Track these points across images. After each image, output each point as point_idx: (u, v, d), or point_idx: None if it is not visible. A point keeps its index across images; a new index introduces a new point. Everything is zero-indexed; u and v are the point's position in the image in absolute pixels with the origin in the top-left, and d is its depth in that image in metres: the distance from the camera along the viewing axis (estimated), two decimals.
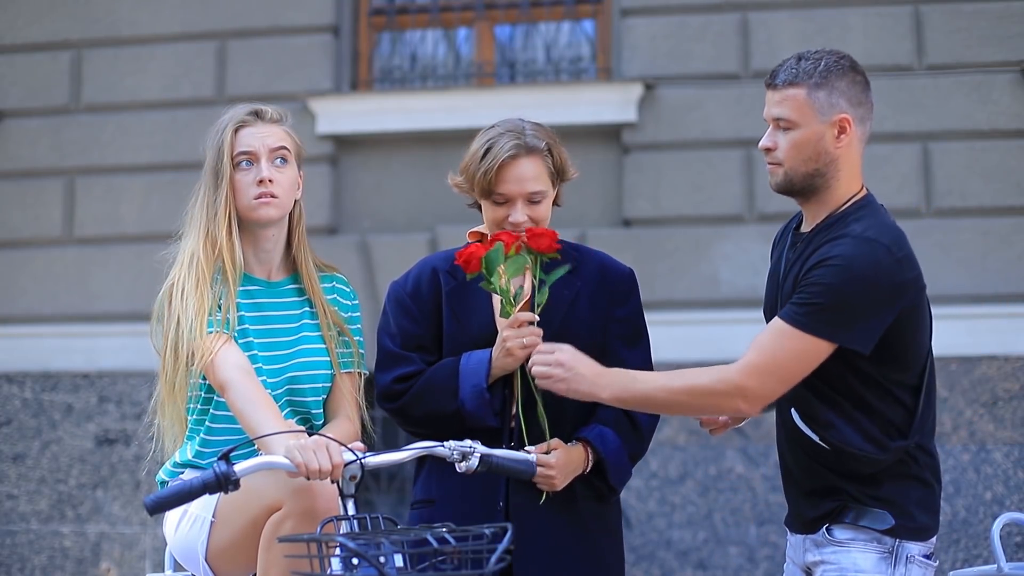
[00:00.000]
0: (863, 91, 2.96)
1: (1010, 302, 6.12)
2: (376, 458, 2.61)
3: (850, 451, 2.87)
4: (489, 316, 3.09)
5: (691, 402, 2.92)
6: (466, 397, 2.98)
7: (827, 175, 2.93)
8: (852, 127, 2.92)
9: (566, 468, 2.99)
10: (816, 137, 2.91)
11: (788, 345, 2.83)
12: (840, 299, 2.81)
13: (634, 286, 3.21)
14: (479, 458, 2.67)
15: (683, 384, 2.90)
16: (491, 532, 2.31)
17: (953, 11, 6.32)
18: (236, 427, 2.95)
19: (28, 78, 7.07)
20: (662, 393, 2.89)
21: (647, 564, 6.13)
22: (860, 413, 2.89)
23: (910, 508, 2.89)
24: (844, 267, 2.81)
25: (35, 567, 6.64)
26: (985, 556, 5.75)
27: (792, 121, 2.91)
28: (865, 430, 2.87)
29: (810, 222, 3.01)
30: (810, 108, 2.90)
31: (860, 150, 2.98)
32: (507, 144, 3.03)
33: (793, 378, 2.86)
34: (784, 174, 2.95)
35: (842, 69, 2.93)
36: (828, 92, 2.90)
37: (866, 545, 2.88)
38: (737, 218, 6.29)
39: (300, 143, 3.21)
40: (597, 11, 6.88)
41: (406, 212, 6.69)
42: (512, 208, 3.05)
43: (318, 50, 6.84)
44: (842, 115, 2.91)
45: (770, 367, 2.85)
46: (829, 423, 2.88)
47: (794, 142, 2.92)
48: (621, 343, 3.14)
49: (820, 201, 2.97)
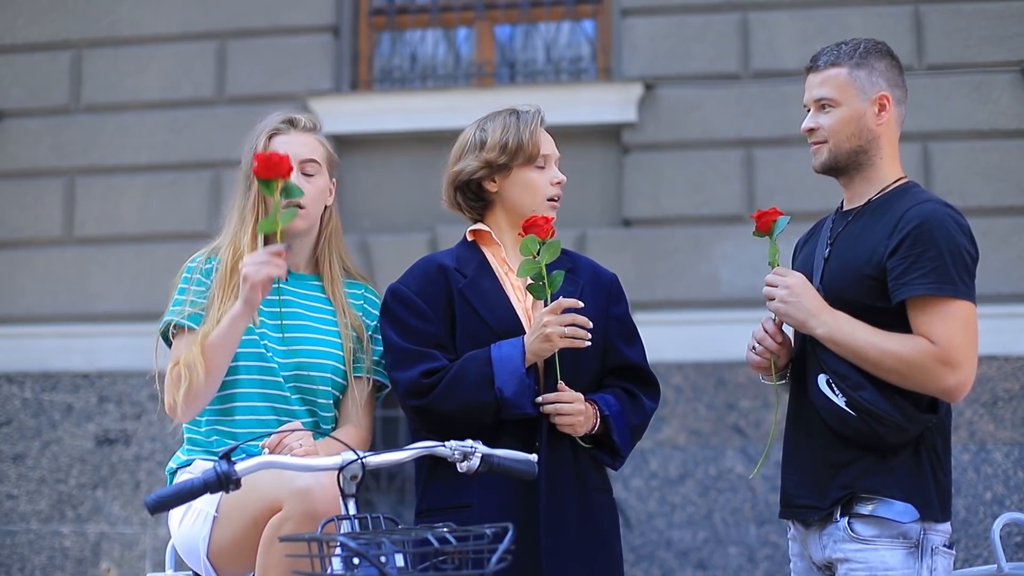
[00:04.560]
0: (900, 74, 3.08)
1: (1010, 302, 6.12)
2: (377, 457, 2.61)
3: (877, 414, 2.87)
4: (509, 308, 3.11)
5: (898, 369, 2.89)
6: (504, 384, 2.97)
7: (870, 151, 3.04)
8: (891, 105, 3.03)
9: (584, 412, 3.03)
10: (858, 114, 3.01)
11: (959, 313, 2.88)
12: (956, 250, 2.90)
13: (622, 288, 3.29)
14: (480, 458, 2.67)
15: (895, 351, 2.88)
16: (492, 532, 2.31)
17: (953, 11, 6.32)
18: (250, 411, 3.02)
19: (28, 78, 7.07)
20: (874, 351, 2.89)
21: (647, 564, 6.13)
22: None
23: (928, 491, 2.90)
24: (942, 222, 2.92)
25: (35, 567, 6.64)
26: (985, 556, 5.75)
27: (834, 100, 3.02)
28: (894, 397, 2.88)
29: (856, 201, 3.07)
30: (852, 86, 3.02)
31: (898, 131, 3.09)
32: (533, 113, 3.18)
33: (977, 344, 2.91)
34: (828, 151, 3.04)
35: (880, 52, 3.06)
36: (868, 72, 3.02)
37: (892, 541, 2.88)
38: (737, 218, 6.29)
39: (332, 151, 3.26)
40: (597, 11, 6.88)
41: (406, 212, 6.69)
42: (551, 169, 3.18)
43: (318, 50, 6.84)
44: (882, 93, 3.03)
45: (964, 338, 2.87)
46: (860, 384, 2.89)
47: (838, 119, 3.02)
48: (620, 340, 3.19)
49: (865, 178, 3.06)
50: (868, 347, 2.89)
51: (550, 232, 3.00)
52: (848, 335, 2.91)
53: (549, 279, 2.99)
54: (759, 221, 3.08)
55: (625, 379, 3.17)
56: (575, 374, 3.07)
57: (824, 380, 2.95)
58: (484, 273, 3.14)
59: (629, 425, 3.12)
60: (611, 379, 3.17)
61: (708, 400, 6.17)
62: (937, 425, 2.94)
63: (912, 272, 2.88)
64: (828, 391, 2.94)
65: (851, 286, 2.96)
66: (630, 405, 3.14)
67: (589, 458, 3.11)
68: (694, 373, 6.14)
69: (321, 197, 3.18)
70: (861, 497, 2.90)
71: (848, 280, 2.97)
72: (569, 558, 3.02)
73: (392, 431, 6.63)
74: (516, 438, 2.98)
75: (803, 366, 3.05)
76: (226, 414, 3.09)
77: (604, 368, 3.17)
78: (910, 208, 2.95)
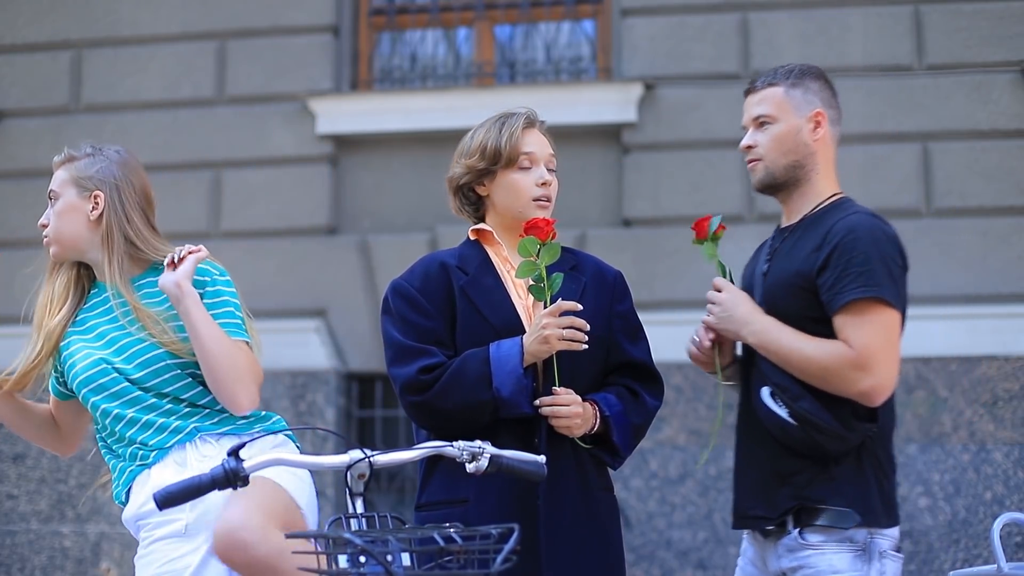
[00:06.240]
0: (834, 96, 3.21)
1: (1010, 302, 6.12)
2: (385, 457, 2.61)
3: (817, 424, 2.96)
4: (509, 306, 3.11)
5: (818, 374, 2.98)
6: (502, 384, 2.98)
7: (807, 167, 3.14)
8: (826, 123, 3.15)
9: (582, 413, 3.03)
10: (795, 130, 3.13)
11: (878, 318, 2.97)
12: (882, 258, 2.98)
13: (627, 285, 3.28)
14: (489, 459, 2.67)
15: (814, 355, 2.98)
16: (498, 532, 2.32)
17: (953, 11, 6.33)
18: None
19: (28, 78, 7.08)
20: (797, 356, 3.00)
21: (647, 564, 6.13)
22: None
23: (870, 498, 3.00)
24: (869, 231, 3.00)
25: (35, 567, 6.64)
26: (985, 556, 5.75)
27: (771, 116, 3.15)
28: (833, 407, 2.97)
29: (793, 217, 3.18)
30: (788, 103, 3.15)
31: (834, 151, 3.20)
32: (519, 115, 3.18)
33: (898, 348, 3.01)
34: (765, 168, 3.16)
35: (815, 74, 3.20)
36: (804, 91, 3.15)
37: (839, 545, 2.97)
38: (737, 218, 6.29)
39: (82, 174, 3.26)
40: (597, 11, 6.88)
41: (406, 212, 6.69)
42: (538, 169, 3.16)
43: (318, 50, 6.84)
44: (817, 110, 3.14)
45: (881, 343, 2.96)
46: (800, 395, 2.98)
47: (774, 136, 3.14)
48: (623, 337, 3.19)
49: (802, 194, 3.16)
50: (792, 352, 3.00)
51: (551, 234, 3.00)
52: (774, 341, 3.03)
53: (549, 281, 2.99)
54: (697, 230, 3.28)
55: (628, 376, 3.17)
56: (576, 373, 3.07)
57: (767, 392, 3.05)
58: (486, 271, 3.14)
59: (631, 425, 3.12)
60: (614, 376, 3.17)
61: (708, 400, 6.17)
62: (878, 434, 3.03)
63: (841, 281, 2.97)
64: (771, 403, 3.04)
65: (786, 299, 3.07)
66: (632, 404, 3.14)
67: (591, 456, 3.12)
68: (694, 373, 6.14)
69: (63, 221, 3.28)
70: (809, 508, 2.99)
71: (783, 293, 3.09)
72: (569, 556, 3.02)
73: (392, 431, 6.63)
74: (515, 436, 2.98)
75: (748, 379, 3.16)
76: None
77: (607, 365, 3.17)
78: (838, 221, 3.04)
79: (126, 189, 3.23)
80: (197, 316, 3.05)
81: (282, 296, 6.66)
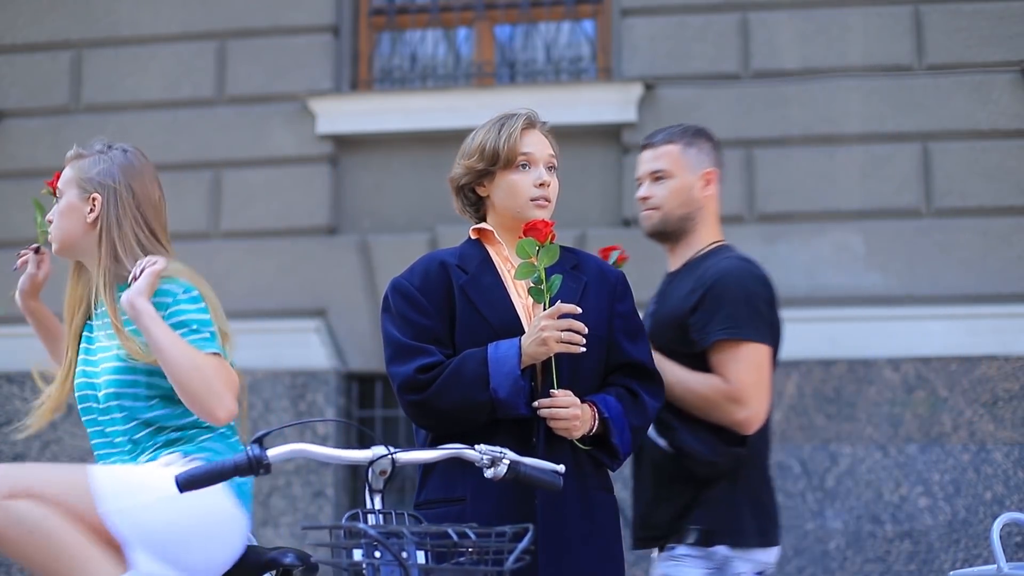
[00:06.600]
0: (720, 157, 3.61)
1: (1010, 302, 6.12)
2: (407, 455, 2.62)
3: (689, 452, 3.34)
4: (509, 305, 3.11)
5: (697, 404, 3.38)
6: (499, 385, 2.98)
7: (695, 219, 3.55)
8: (715, 181, 3.55)
9: (581, 415, 3.03)
10: (688, 186, 3.53)
11: (748, 356, 3.37)
12: (748, 299, 3.38)
13: (629, 286, 3.28)
14: (507, 465, 2.68)
15: (695, 388, 3.39)
16: (512, 531, 2.33)
17: (953, 11, 6.33)
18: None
19: (28, 78, 7.08)
20: (679, 387, 3.38)
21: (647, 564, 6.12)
22: (697, 419, 3.37)
23: (739, 520, 3.32)
24: (737, 276, 3.39)
25: None
26: (985, 556, 5.75)
27: (669, 172, 3.53)
28: (701, 435, 3.35)
29: (677, 263, 3.57)
30: (683, 161, 3.54)
31: (717, 205, 3.59)
32: (519, 116, 3.20)
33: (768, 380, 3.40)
34: (661, 217, 3.54)
35: (706, 136, 3.61)
36: (697, 150, 3.55)
37: (696, 561, 3.34)
38: (737, 218, 6.28)
39: (84, 175, 3.21)
40: (597, 11, 6.89)
41: (406, 212, 6.69)
42: (536, 170, 3.16)
43: (318, 50, 6.84)
44: (708, 170, 3.55)
45: (753, 378, 3.36)
46: (671, 426, 3.37)
47: (672, 189, 3.53)
48: (624, 337, 3.19)
49: (687, 243, 3.56)
50: (675, 383, 3.36)
51: (549, 236, 3.00)
52: (660, 372, 3.26)
53: (548, 283, 2.99)
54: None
55: (628, 376, 3.17)
56: (575, 373, 3.07)
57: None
58: (486, 270, 3.14)
59: (630, 427, 3.12)
60: (614, 376, 3.17)
61: None
62: (751, 459, 3.37)
63: (711, 322, 3.35)
64: (654, 434, 3.42)
65: (664, 334, 3.46)
66: (632, 405, 3.14)
67: (589, 457, 3.12)
68: None
69: (62, 224, 3.24)
70: (680, 528, 3.37)
71: (663, 331, 3.47)
72: (567, 556, 3.02)
73: (392, 431, 6.63)
74: (513, 436, 2.98)
75: None
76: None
77: (608, 365, 3.17)
78: (711, 266, 3.43)
79: (122, 194, 3.16)
80: (157, 333, 2.94)
81: (282, 296, 6.67)
